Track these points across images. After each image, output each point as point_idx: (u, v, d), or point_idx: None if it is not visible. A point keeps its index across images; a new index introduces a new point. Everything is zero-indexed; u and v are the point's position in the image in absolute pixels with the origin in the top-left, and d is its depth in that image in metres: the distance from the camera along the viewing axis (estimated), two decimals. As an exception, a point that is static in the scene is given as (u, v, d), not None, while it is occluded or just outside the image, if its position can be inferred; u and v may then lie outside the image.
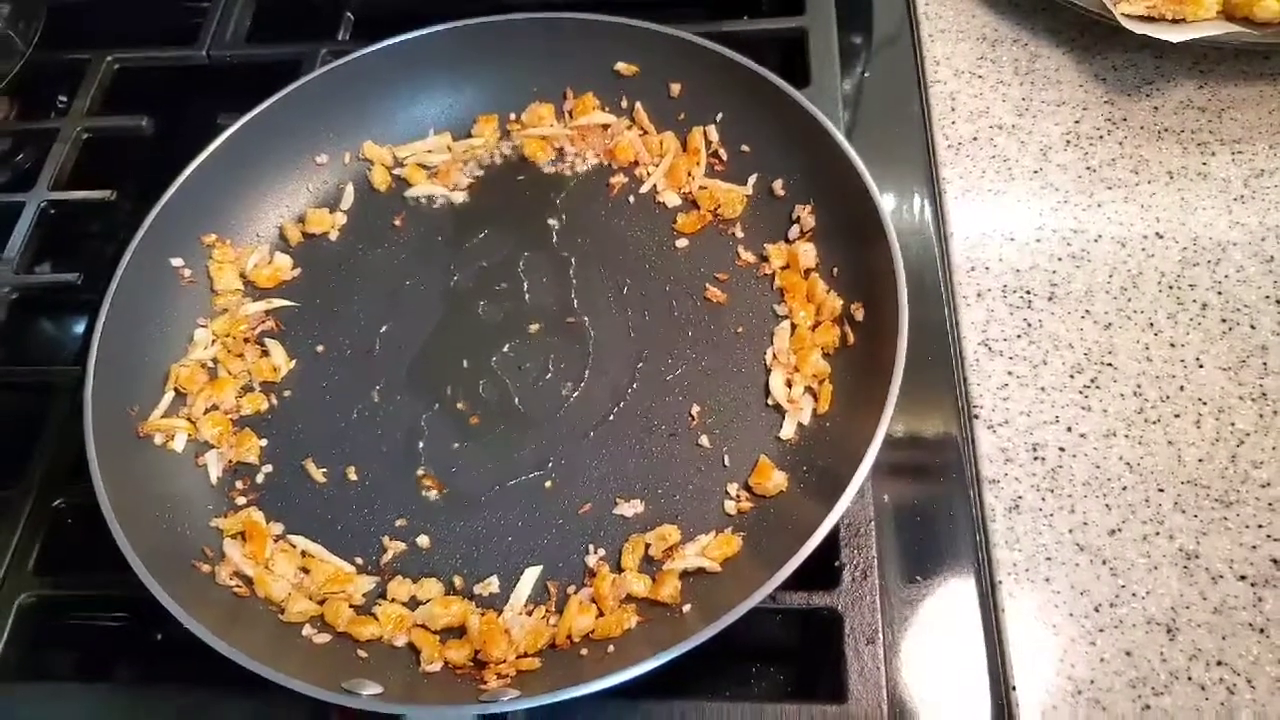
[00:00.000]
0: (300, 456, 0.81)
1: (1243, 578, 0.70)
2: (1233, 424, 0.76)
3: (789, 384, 0.79)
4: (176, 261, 0.88)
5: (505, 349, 0.85)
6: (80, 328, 0.80)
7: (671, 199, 0.91)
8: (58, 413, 0.86)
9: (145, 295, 0.85)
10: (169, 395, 0.83)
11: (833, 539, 0.71)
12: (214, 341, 0.87)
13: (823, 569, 0.70)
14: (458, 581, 0.74)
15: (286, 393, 0.85)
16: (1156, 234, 0.86)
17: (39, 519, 0.81)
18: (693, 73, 0.92)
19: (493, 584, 0.74)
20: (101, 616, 0.81)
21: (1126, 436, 0.77)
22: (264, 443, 0.82)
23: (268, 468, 0.81)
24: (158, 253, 0.86)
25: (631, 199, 0.92)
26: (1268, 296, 0.82)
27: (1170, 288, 0.83)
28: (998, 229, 0.88)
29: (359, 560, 0.76)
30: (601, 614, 0.71)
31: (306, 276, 0.92)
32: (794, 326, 0.81)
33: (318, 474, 0.80)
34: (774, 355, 0.81)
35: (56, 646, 0.80)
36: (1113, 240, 0.86)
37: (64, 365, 0.88)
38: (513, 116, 0.97)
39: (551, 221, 0.92)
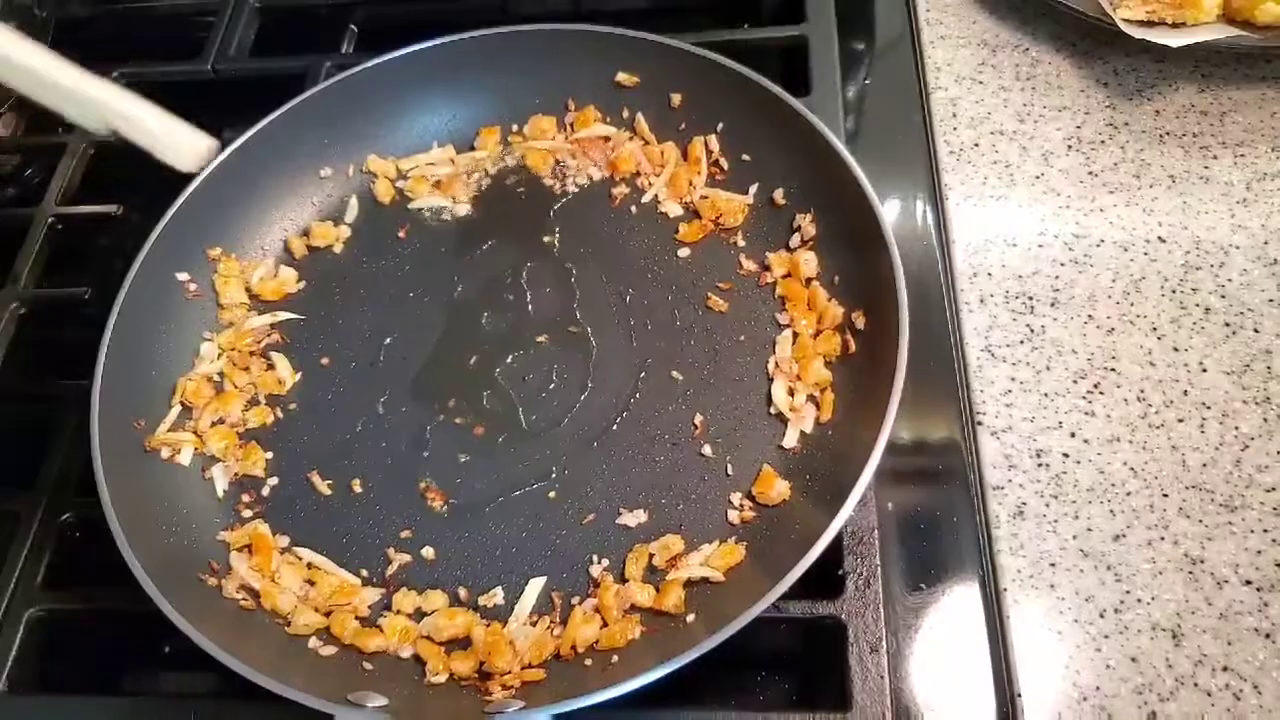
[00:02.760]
0: (306, 469, 0.81)
1: (1248, 583, 0.70)
2: (1237, 428, 0.76)
3: (791, 392, 0.79)
4: (182, 275, 0.88)
5: (509, 360, 0.86)
6: (88, 341, 0.81)
7: (673, 209, 0.91)
8: (65, 427, 0.87)
9: (151, 309, 0.85)
10: (175, 409, 0.84)
11: (836, 547, 0.71)
12: (220, 355, 0.87)
13: (826, 577, 0.70)
14: (462, 593, 0.75)
15: (292, 405, 0.86)
16: (1159, 238, 0.86)
17: (46, 533, 0.82)
18: (693, 83, 0.92)
19: (497, 595, 0.74)
20: (109, 630, 0.81)
21: (1130, 442, 0.77)
22: (269, 455, 0.83)
23: (273, 480, 0.81)
24: (163, 267, 0.87)
25: (633, 209, 0.92)
26: (1271, 300, 0.82)
27: (1173, 292, 0.83)
28: (1000, 235, 0.88)
29: (364, 572, 0.77)
30: (606, 624, 0.71)
31: (311, 289, 0.92)
32: (796, 335, 0.82)
33: (323, 486, 0.81)
34: (776, 364, 0.81)
35: (64, 660, 0.80)
36: (1115, 245, 0.86)
37: (72, 379, 0.88)
38: (515, 128, 0.98)
39: (554, 232, 0.92)
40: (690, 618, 0.70)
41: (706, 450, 0.78)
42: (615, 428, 0.81)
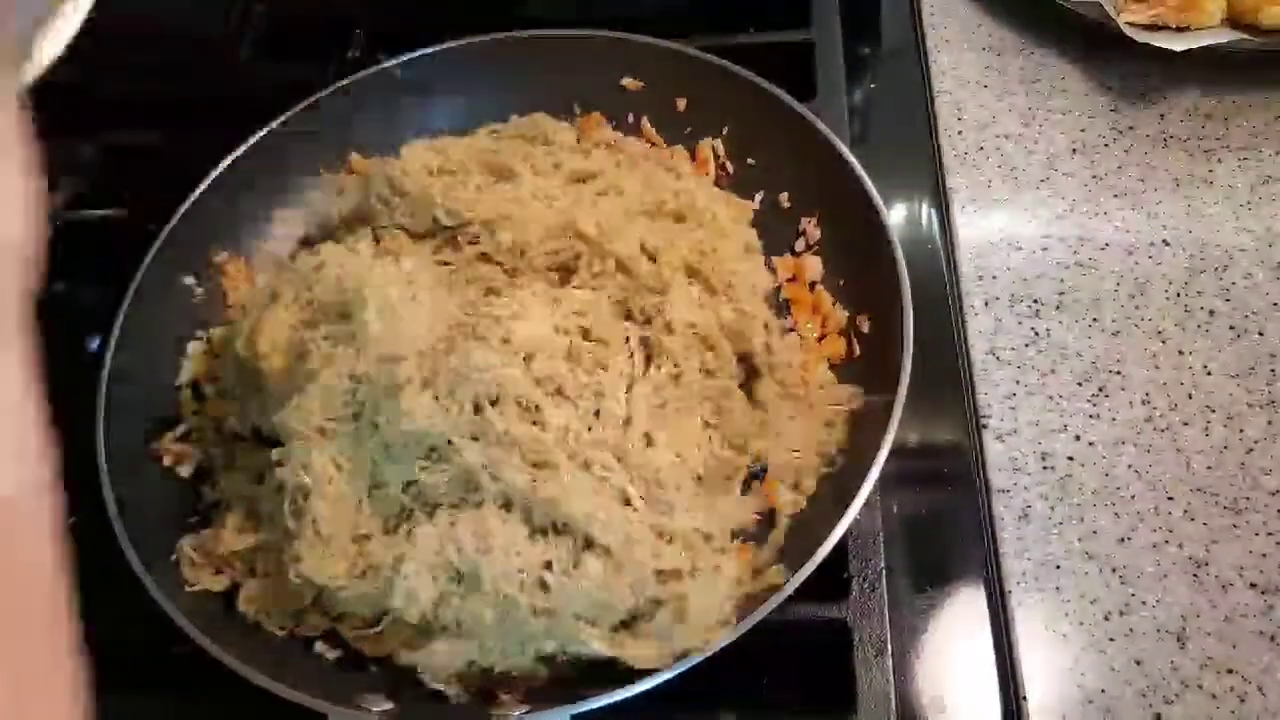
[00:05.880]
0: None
1: (1253, 585, 0.70)
2: (1241, 431, 0.76)
3: (796, 396, 0.79)
4: (189, 280, 0.88)
5: (515, 363, 0.86)
6: (94, 345, 0.81)
7: (679, 212, 0.91)
8: (70, 432, 0.87)
9: (157, 314, 0.85)
10: (186, 423, 0.83)
11: (841, 550, 0.71)
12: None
13: (832, 580, 0.70)
14: (469, 595, 0.75)
15: (298, 408, 0.85)
16: (1163, 241, 0.86)
17: (54, 536, 0.82)
18: (698, 87, 0.92)
19: (503, 598, 0.74)
20: (114, 634, 0.81)
21: (1135, 445, 0.77)
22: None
23: (280, 483, 0.81)
24: (170, 271, 0.87)
25: (639, 212, 0.92)
26: (1275, 303, 0.82)
27: (1178, 295, 0.83)
28: (1004, 238, 0.88)
29: (371, 575, 0.77)
30: (612, 625, 0.71)
31: (317, 293, 0.92)
32: (801, 338, 0.82)
33: (329, 489, 0.80)
34: (781, 367, 0.81)
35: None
36: (1120, 248, 0.86)
37: (77, 384, 0.88)
38: (521, 132, 0.98)
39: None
40: (696, 620, 0.70)
41: (712, 453, 0.78)
42: (621, 431, 0.80)
